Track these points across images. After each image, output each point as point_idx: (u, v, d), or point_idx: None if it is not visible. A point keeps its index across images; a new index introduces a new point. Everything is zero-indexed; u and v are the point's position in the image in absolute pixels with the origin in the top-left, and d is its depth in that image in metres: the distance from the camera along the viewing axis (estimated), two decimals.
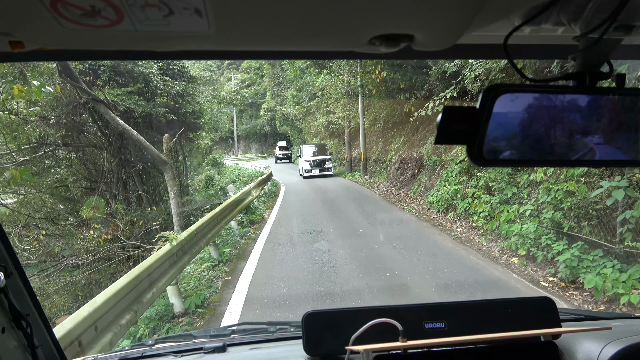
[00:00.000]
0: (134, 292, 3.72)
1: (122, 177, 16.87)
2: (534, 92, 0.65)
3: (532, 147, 0.65)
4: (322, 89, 26.58)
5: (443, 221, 10.09)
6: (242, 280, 6.37)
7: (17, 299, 1.10)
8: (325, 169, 25.09)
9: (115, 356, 1.49)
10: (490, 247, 7.57)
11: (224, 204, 8.40)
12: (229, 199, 9.33)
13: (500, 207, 7.70)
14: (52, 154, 16.26)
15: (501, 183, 7.76)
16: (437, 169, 13.00)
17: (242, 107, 41.57)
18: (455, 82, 10.10)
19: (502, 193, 7.76)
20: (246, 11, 0.55)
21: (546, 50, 0.97)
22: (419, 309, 1.32)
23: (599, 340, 1.26)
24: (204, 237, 6.59)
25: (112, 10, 0.52)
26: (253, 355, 1.47)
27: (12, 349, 1.06)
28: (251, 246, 8.60)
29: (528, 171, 7.46)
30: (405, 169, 16.40)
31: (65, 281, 9.90)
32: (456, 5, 0.54)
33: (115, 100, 14.28)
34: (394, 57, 0.89)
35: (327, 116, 29.56)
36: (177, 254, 5.08)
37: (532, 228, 6.35)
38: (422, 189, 13.49)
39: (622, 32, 0.62)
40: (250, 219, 11.21)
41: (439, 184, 11.45)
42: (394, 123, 19.75)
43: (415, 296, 5.32)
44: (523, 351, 1.23)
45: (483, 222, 8.23)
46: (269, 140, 54.76)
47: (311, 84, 28.75)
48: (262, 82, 49.21)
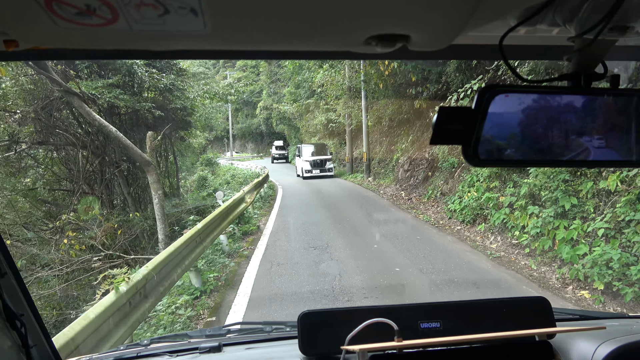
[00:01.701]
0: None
1: (105, 178, 15.45)
2: (529, 92, 0.65)
3: (527, 148, 0.65)
4: (322, 85, 25.10)
5: (471, 234, 8.55)
6: (230, 321, 4.80)
7: (11, 299, 1.10)
8: (326, 170, 23.92)
9: (110, 356, 1.48)
10: (543, 272, 6.04)
11: (209, 217, 6.79)
12: (217, 209, 7.72)
13: (554, 221, 6.16)
14: (26, 153, 14.85)
15: (555, 192, 6.22)
16: (455, 172, 11.47)
17: (236, 103, 40.11)
18: (491, 68, 8.59)
19: (556, 204, 6.22)
20: (242, 11, 0.54)
21: (541, 51, 0.98)
22: (415, 309, 1.32)
23: (593, 339, 1.27)
24: (181, 263, 5.02)
25: (108, 9, 0.51)
26: (249, 355, 1.47)
27: (6, 349, 1.06)
28: (243, 267, 7.03)
29: (592, 177, 5.93)
30: (415, 171, 14.86)
31: (36, 295, 8.38)
32: (452, 6, 0.54)
33: (93, 93, 12.67)
34: (390, 57, 0.90)
35: (327, 114, 27.98)
36: (132, 301, 3.50)
37: (614, 254, 4.80)
38: (437, 194, 11.95)
39: (616, 33, 0.62)
40: (244, 230, 9.61)
41: (462, 189, 9.91)
42: (401, 121, 18.20)
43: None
44: (518, 351, 1.22)
45: (529, 239, 6.70)
46: (265, 139, 53.72)
47: (310, 80, 27.40)
48: (259, 80, 47.77)
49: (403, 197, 13.88)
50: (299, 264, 6.95)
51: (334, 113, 26.65)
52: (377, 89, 17.84)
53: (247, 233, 9.58)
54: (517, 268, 6.36)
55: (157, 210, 12.31)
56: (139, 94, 14.65)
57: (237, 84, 17.63)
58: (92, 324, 2.83)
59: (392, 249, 7.64)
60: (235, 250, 8.03)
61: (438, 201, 11.68)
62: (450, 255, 7.15)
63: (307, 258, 7.24)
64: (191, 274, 5.78)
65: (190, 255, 5.39)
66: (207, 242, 6.48)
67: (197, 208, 15.81)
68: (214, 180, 22.52)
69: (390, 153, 19.47)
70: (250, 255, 7.71)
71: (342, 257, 7.17)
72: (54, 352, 1.25)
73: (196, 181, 21.08)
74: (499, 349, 1.21)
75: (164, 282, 4.53)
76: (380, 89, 17.92)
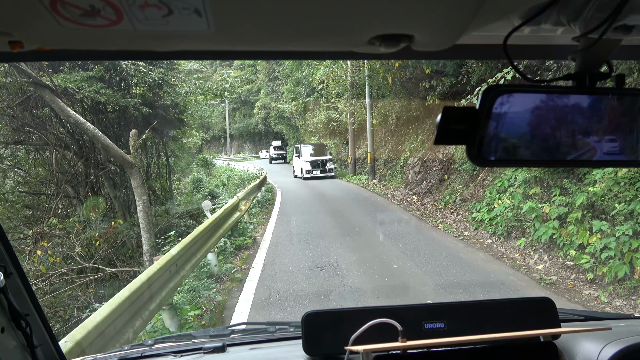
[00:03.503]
0: None
1: (89, 181, 14.23)
2: (534, 92, 0.65)
3: (532, 148, 0.64)
4: (322, 82, 23.78)
5: (506, 250, 7.21)
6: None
7: (16, 299, 1.10)
8: (326, 170, 23.10)
9: (114, 356, 1.47)
10: (619, 307, 4.70)
11: (189, 237, 5.37)
12: (204, 224, 6.32)
13: (631, 242, 4.83)
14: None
15: (633, 203, 4.88)
16: (478, 175, 10.14)
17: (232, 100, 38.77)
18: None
19: (634, 220, 4.88)
20: (245, 11, 0.54)
21: (546, 51, 0.97)
22: (419, 309, 1.31)
23: (598, 340, 1.26)
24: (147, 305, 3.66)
25: (112, 10, 0.51)
26: (252, 356, 1.46)
27: (11, 348, 1.06)
28: (235, 296, 5.66)
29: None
30: (428, 173, 13.52)
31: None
32: (456, 6, 0.54)
33: (70, 87, 11.35)
34: (394, 57, 0.88)
35: (327, 113, 26.63)
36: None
37: None
38: (456, 200, 10.62)
39: (621, 32, 0.61)
40: (237, 244, 8.23)
41: (490, 195, 8.57)
42: (409, 119, 16.87)
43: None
44: (522, 351, 1.21)
45: (592, 262, 5.36)
46: (263, 139, 52.67)
47: (310, 77, 26.12)
48: (256, 79, 46.48)
49: (415, 203, 12.53)
50: (303, 291, 5.59)
51: (335, 111, 25.32)
52: (384, 82, 16.49)
53: (242, 247, 8.20)
54: (581, 299, 5.02)
55: (141, 218, 10.98)
56: (126, 90, 13.42)
57: (233, 79, 16.20)
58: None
59: (416, 270, 6.29)
60: (225, 272, 6.66)
61: (458, 208, 10.34)
62: (489, 278, 5.80)
63: (313, 283, 5.88)
64: (164, 314, 4.40)
65: (161, 291, 4.02)
66: (188, 270, 5.09)
67: (191, 212, 14.59)
68: (209, 182, 21.34)
69: (397, 153, 18.12)
70: (244, 279, 6.34)
71: (356, 283, 5.81)
72: (59, 352, 1.25)
73: (190, 183, 19.91)
74: (504, 350, 1.20)
75: (124, 333, 3.18)
76: (387, 83, 16.59)
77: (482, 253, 7.16)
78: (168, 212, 14.13)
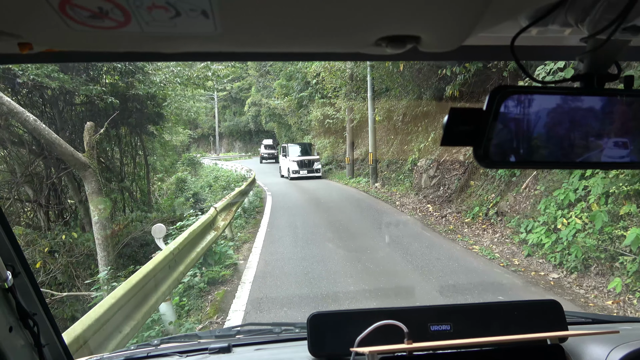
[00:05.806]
0: None
1: (49, 182, 12.06)
2: (541, 93, 0.63)
3: (539, 149, 0.63)
4: (318, 75, 21.68)
5: (589, 294, 5.13)
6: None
7: (24, 298, 1.09)
8: (313, 170, 22.75)
9: (121, 356, 1.46)
10: None
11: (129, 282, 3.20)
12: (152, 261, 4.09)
13: None
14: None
15: None
16: (519, 182, 8.08)
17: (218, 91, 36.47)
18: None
19: None
20: (252, 12, 0.54)
21: (553, 52, 0.95)
22: (425, 311, 1.30)
23: (606, 343, 1.24)
24: None
25: (120, 12, 0.51)
26: (258, 356, 1.45)
27: (19, 347, 1.06)
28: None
29: None
30: (446, 177, 11.44)
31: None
32: (462, 7, 0.53)
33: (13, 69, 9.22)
34: (400, 58, 0.86)
35: (323, 109, 24.49)
36: None
37: None
38: (489, 213, 8.54)
39: (630, 33, 0.60)
40: (211, 277, 6.03)
41: (547, 210, 6.49)
42: (417, 115, 14.78)
43: None
44: (529, 354, 1.20)
45: None
46: (254, 138, 50.49)
47: (304, 70, 24.04)
48: (247, 75, 44.21)
49: (432, 214, 10.44)
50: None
51: (331, 107, 23.21)
52: (390, 73, 14.42)
53: (216, 282, 6.01)
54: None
55: (97, 233, 8.73)
56: (96, 79, 11.29)
57: (216, 67, 14.02)
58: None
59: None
60: (187, 331, 4.46)
61: (493, 224, 8.26)
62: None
63: None
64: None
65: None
66: (121, 337, 2.95)
67: (172, 219, 12.35)
68: (194, 183, 19.22)
69: (403, 154, 16.04)
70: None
71: None
72: (66, 352, 1.24)
73: (174, 184, 17.77)
74: (510, 352, 1.19)
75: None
76: (393, 74, 14.51)
77: (555, 297, 5.07)
78: (142, 221, 11.97)
